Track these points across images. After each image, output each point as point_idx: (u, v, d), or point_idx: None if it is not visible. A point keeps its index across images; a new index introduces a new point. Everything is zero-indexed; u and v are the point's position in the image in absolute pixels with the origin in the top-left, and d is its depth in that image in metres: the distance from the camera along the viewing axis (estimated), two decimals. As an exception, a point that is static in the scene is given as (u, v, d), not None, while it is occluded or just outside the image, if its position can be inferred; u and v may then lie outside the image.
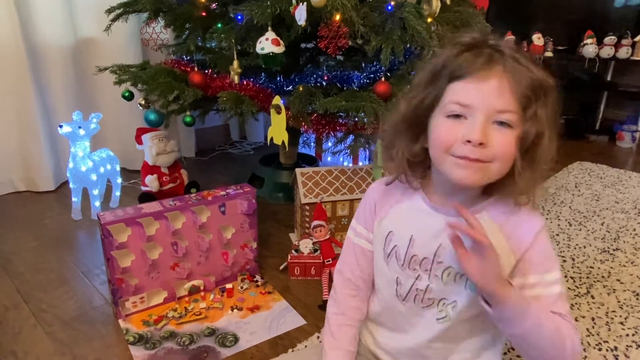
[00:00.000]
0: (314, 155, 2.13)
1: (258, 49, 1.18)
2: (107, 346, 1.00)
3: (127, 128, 1.91)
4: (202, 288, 1.18)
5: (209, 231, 1.16)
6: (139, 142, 1.66)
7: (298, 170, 1.37)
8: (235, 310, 1.13)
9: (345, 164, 2.10)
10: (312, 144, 2.22)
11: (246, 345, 1.01)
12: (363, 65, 1.42)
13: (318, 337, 1.03)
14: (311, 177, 1.36)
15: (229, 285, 1.20)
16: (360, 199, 1.36)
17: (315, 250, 1.27)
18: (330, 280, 1.24)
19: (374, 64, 1.41)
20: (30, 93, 1.70)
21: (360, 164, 2.08)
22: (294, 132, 1.86)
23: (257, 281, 1.24)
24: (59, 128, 1.47)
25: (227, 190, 1.19)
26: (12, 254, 1.37)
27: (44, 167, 1.79)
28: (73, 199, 1.59)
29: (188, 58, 1.55)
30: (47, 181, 1.82)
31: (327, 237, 1.30)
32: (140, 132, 1.64)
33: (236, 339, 1.03)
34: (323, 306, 1.15)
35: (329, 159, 2.24)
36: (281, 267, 1.30)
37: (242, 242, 1.22)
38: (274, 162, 1.92)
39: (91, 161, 1.55)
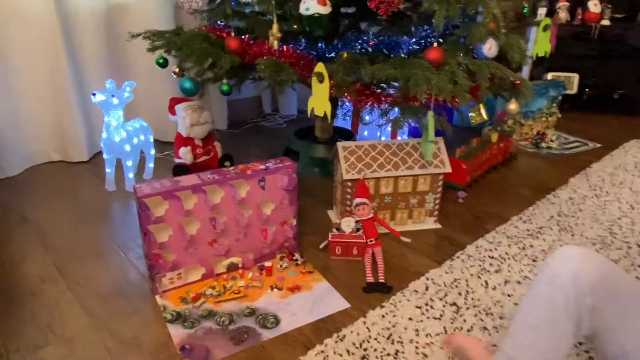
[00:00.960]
0: (351, 129, 2.04)
1: (302, 10, 1.09)
2: (144, 323, 0.97)
3: (160, 98, 1.86)
4: (240, 265, 1.12)
5: (248, 207, 1.10)
6: (172, 112, 1.61)
7: (339, 144, 1.28)
8: (275, 290, 1.07)
9: (383, 138, 2.00)
10: (348, 117, 2.12)
11: (288, 328, 0.96)
12: (412, 29, 1.31)
13: (364, 322, 0.96)
14: (353, 152, 1.28)
15: (267, 264, 1.14)
16: (407, 175, 1.27)
17: (358, 230, 1.20)
18: (374, 261, 1.17)
19: (424, 28, 1.30)
20: (64, 62, 1.65)
21: (399, 138, 1.98)
22: (332, 104, 1.77)
23: (296, 260, 1.18)
24: (92, 96, 1.42)
25: (267, 164, 1.12)
26: (46, 224, 1.35)
27: (78, 137, 1.77)
28: (107, 170, 1.56)
29: (224, 23, 1.47)
30: (80, 151, 1.79)
31: (371, 215, 1.22)
32: (174, 102, 1.58)
33: (277, 321, 0.98)
34: (368, 289, 1.08)
35: (365, 133, 2.14)
36: (321, 246, 1.23)
37: (282, 219, 1.16)
38: (310, 136, 1.84)
39: (125, 131, 1.51)
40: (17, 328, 0.95)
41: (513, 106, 1.32)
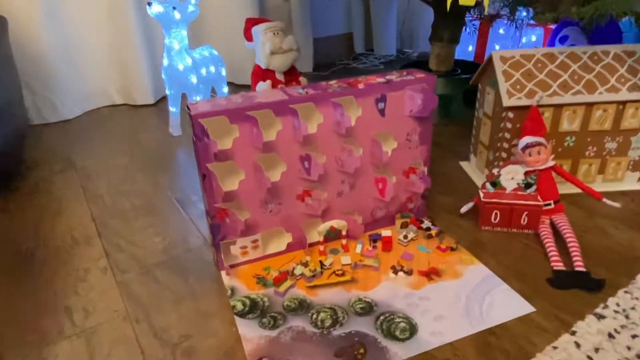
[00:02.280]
0: (474, 59, 1.56)
1: None
2: (201, 315, 0.62)
3: (235, 30, 1.51)
4: (344, 233, 0.74)
5: (359, 142, 0.70)
6: (249, 37, 1.24)
7: (496, 54, 0.83)
8: (400, 274, 0.68)
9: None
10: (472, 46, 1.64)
11: (434, 342, 0.56)
12: None
13: (577, 344, 0.53)
14: (519, 65, 0.82)
15: (385, 232, 0.74)
16: (607, 102, 0.79)
17: (528, 186, 0.76)
18: (555, 235, 0.72)
19: None
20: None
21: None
22: (457, 20, 1.31)
23: (427, 229, 0.77)
24: (147, 7, 1.09)
25: (389, 77, 0.71)
26: (95, 171, 1.07)
27: (141, 76, 1.48)
28: (170, 109, 1.25)
29: None
30: (145, 93, 1.51)
31: (550, 164, 0.77)
32: (250, 23, 1.21)
33: (412, 328, 0.58)
34: (559, 282, 0.64)
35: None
36: (463, 210, 0.81)
37: (407, 164, 0.75)
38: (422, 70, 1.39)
39: (190, 57, 1.17)
40: (27, 309, 0.65)
41: None
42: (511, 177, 0.76)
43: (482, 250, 0.73)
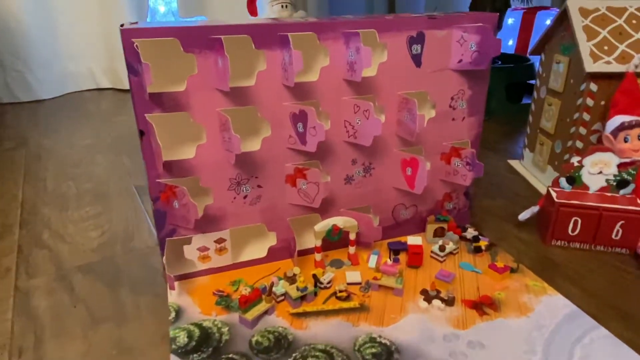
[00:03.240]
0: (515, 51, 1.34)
1: None
2: (121, 349, 0.40)
3: (234, 2, 1.32)
4: (352, 238, 0.51)
5: (380, 100, 0.48)
6: (252, 11, 1.09)
7: (573, 4, 0.61)
8: (435, 303, 0.44)
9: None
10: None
11: None
12: None
13: None
14: (606, 20, 0.59)
15: (412, 240, 0.51)
16: None
17: (623, 184, 0.52)
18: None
19: None
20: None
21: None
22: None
23: (475, 239, 0.54)
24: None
25: (432, 12, 0.50)
26: (48, 151, 0.87)
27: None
28: (153, 88, 1.05)
29: None
30: (133, 75, 1.32)
31: (656, 153, 0.53)
32: (255, -6, 1.04)
33: (457, 394, 0.35)
34: (699, 330, 0.40)
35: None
36: (523, 216, 0.57)
37: (450, 144, 0.53)
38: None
39: (178, 25, 0.98)
40: None
41: None
42: (598, 169, 0.53)
43: (555, 273, 0.49)
